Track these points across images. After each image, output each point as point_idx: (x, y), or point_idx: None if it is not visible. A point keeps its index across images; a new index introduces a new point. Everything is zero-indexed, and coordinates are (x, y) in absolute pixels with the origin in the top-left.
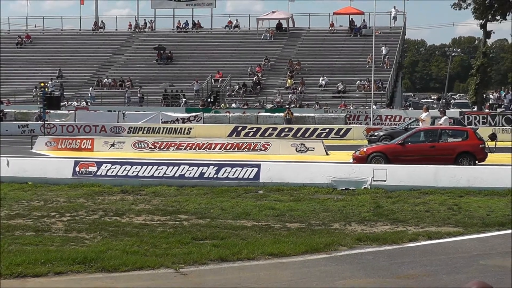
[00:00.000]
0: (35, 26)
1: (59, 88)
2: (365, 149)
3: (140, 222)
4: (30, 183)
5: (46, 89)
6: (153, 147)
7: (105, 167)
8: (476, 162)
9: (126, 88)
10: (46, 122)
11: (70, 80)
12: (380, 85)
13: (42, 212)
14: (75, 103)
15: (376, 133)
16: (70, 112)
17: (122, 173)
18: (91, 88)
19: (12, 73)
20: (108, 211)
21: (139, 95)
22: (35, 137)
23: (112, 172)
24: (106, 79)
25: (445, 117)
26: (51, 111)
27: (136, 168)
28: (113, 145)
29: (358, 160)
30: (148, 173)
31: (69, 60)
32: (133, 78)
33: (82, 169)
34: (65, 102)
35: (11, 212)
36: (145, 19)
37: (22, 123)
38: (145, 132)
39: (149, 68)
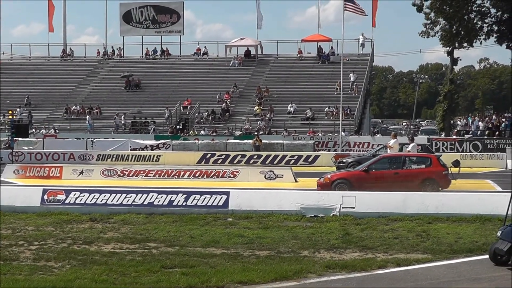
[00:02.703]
0: (3, 53)
1: (27, 116)
2: (329, 176)
3: (109, 250)
4: None
5: (14, 117)
6: (122, 174)
7: (74, 195)
8: (440, 188)
9: (115, 116)
10: (14, 150)
11: (38, 108)
12: (348, 112)
13: (10, 241)
14: (43, 131)
15: (344, 160)
16: (38, 139)
17: (90, 201)
18: (88, 116)
19: None
20: (77, 240)
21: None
22: (3, 165)
23: (80, 200)
24: (74, 107)
25: (413, 143)
26: (19, 139)
27: (105, 196)
28: (81, 172)
29: (322, 186)
30: (117, 201)
31: (38, 88)
32: (101, 105)
33: (50, 197)
34: (33, 130)
35: None
36: (113, 47)
37: None
38: (113, 159)
39: (117, 95)
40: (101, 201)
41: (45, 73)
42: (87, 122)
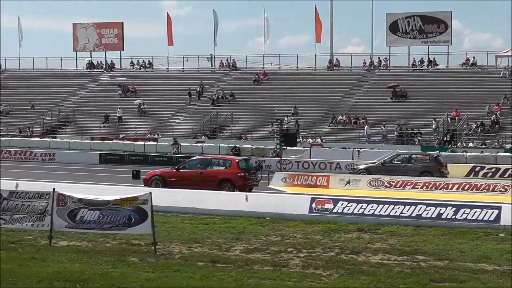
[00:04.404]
0: (271, 63)
1: (294, 125)
2: (150, 172)
3: (377, 261)
4: (267, 218)
5: (282, 126)
6: (388, 185)
7: (341, 205)
8: (235, 190)
9: (381, 127)
10: (282, 158)
11: (305, 117)
12: None
13: (280, 247)
14: (310, 140)
15: (356, 167)
16: (305, 148)
17: (358, 211)
18: (366, 126)
19: (249, 110)
20: (345, 249)
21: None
22: (271, 173)
23: (348, 210)
24: (340, 116)
25: None
26: (287, 148)
27: (372, 207)
28: (348, 182)
29: (144, 182)
30: (384, 212)
31: (304, 97)
32: (367, 115)
33: (318, 206)
34: (300, 139)
35: (250, 246)
36: (379, 57)
37: (258, 159)
38: None
39: (383, 105)
40: (368, 211)
41: (311, 83)
42: (365, 133)
